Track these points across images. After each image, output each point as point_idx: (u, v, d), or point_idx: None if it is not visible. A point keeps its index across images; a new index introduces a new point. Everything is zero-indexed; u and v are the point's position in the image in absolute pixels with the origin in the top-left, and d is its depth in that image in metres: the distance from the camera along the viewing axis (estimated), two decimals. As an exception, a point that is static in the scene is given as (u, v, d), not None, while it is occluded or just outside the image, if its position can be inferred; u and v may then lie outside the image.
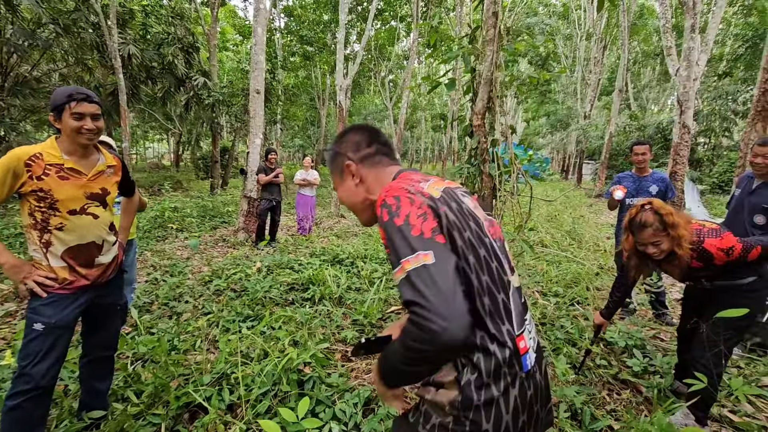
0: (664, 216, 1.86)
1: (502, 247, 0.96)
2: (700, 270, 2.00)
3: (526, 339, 0.88)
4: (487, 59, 2.32)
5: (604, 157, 14.58)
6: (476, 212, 0.93)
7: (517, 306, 0.89)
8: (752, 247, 1.89)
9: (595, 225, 8.00)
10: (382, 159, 1.02)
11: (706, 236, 1.91)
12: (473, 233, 0.86)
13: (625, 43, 14.18)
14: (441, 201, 0.85)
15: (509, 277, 0.90)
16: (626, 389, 2.40)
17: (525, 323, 0.90)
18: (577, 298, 3.85)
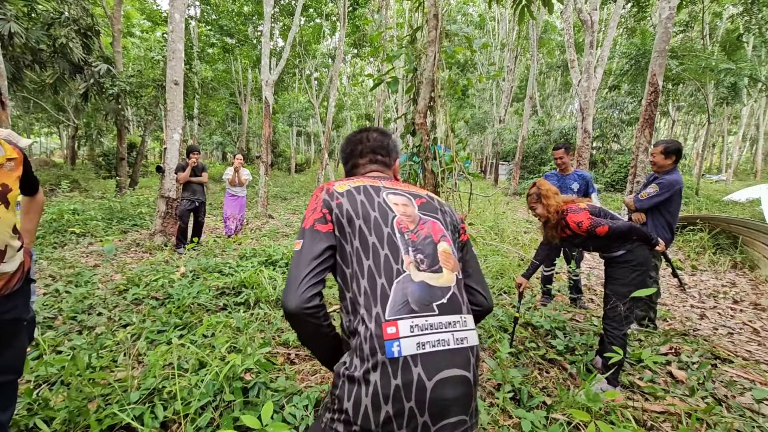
0: (540, 189, 2.58)
1: (423, 243, 0.99)
2: (571, 237, 2.58)
3: (403, 327, 0.86)
4: (430, 59, 2.40)
5: (518, 159, 15.92)
6: (395, 209, 1.02)
7: (409, 295, 0.90)
8: (599, 225, 2.37)
9: (513, 221, 8.68)
10: (375, 166, 1.24)
11: (569, 211, 2.49)
12: (371, 223, 0.97)
13: (534, 54, 15.61)
14: (342, 195, 1.01)
15: (404, 267, 0.93)
16: (553, 367, 2.65)
17: (416, 314, 0.88)
18: (504, 288, 4.15)
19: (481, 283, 1.15)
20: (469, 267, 1.15)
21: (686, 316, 3.99)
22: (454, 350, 0.90)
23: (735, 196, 13.57)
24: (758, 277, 5.36)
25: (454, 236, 1.11)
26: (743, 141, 30.51)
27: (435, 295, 0.93)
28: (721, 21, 17.59)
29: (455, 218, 1.16)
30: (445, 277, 0.97)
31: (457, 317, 0.94)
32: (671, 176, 3.17)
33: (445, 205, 1.17)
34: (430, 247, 0.99)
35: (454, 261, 1.02)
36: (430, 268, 0.96)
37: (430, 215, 1.07)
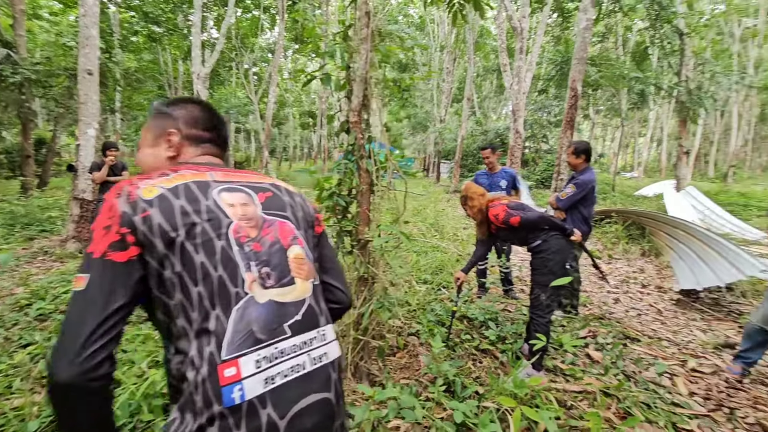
0: (466, 192, 2.89)
1: (269, 252, 0.81)
2: (497, 231, 2.81)
3: (246, 365, 0.70)
4: (362, 57, 2.38)
5: (458, 157, 16.53)
6: (231, 212, 0.80)
7: (253, 323, 0.73)
8: (512, 216, 2.62)
9: (453, 217, 8.99)
10: (208, 149, 0.97)
11: (491, 207, 2.77)
12: (197, 237, 0.74)
13: (471, 58, 16.27)
14: (151, 203, 0.74)
15: (245, 288, 0.75)
16: (486, 357, 2.77)
17: (263, 345, 0.73)
18: (443, 283, 4.27)
19: (339, 278, 1.03)
20: (326, 261, 1.02)
21: (603, 301, 4.38)
22: (311, 373, 0.79)
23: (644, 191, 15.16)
24: (662, 263, 6.04)
25: (308, 233, 0.95)
26: (651, 142, 34.27)
27: (287, 314, 0.79)
28: (632, 34, 19.56)
29: (309, 209, 1.00)
30: (298, 288, 0.83)
31: (314, 333, 0.82)
32: (585, 176, 3.47)
33: (296, 194, 1.00)
34: (278, 256, 0.82)
35: (309, 266, 0.88)
36: (279, 282, 0.80)
37: (278, 214, 0.88)
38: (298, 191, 1.02)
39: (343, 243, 2.59)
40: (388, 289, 2.43)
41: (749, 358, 2.72)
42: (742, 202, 12.05)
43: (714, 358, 3.03)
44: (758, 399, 2.48)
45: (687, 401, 2.37)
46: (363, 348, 2.46)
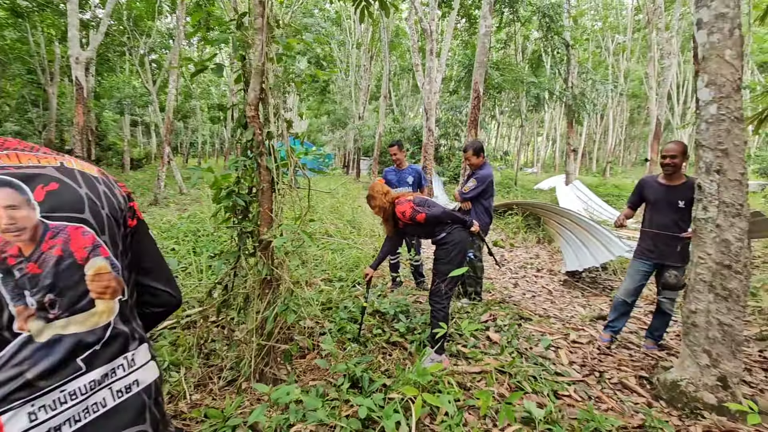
0: (370, 192, 2.93)
1: (55, 272, 0.63)
2: (404, 227, 2.88)
3: (14, 423, 0.57)
4: (257, 49, 2.26)
5: (376, 154, 16.78)
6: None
7: (29, 368, 0.59)
8: (418, 213, 2.73)
9: (371, 214, 9.10)
10: None
11: (397, 203, 2.83)
12: None
13: (386, 56, 16.57)
14: None
15: (15, 327, 0.59)
16: (396, 349, 2.84)
17: (42, 392, 0.60)
18: (358, 280, 4.30)
19: (165, 278, 0.88)
20: (146, 260, 0.84)
21: (504, 286, 4.78)
22: (115, 408, 0.68)
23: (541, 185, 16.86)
24: (553, 248, 6.77)
25: (117, 233, 0.74)
26: (547, 141, 38.34)
27: (81, 347, 0.64)
28: (529, 42, 21.59)
29: (118, 199, 0.77)
30: (99, 311, 0.67)
31: (120, 360, 0.70)
32: (484, 171, 3.75)
33: (100, 178, 0.75)
34: (69, 275, 0.64)
35: (116, 281, 0.71)
36: (70, 309, 0.64)
37: (69, 216, 0.65)
38: (100, 171, 0.78)
39: (245, 244, 2.46)
40: (293, 290, 2.36)
41: (615, 327, 3.16)
42: (616, 193, 14.02)
43: (590, 330, 3.48)
44: (621, 361, 2.90)
45: (567, 370, 2.68)
46: (268, 353, 2.37)
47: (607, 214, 9.55)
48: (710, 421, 2.12)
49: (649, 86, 14.92)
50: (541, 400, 2.25)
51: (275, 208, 2.37)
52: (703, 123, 2.32)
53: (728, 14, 2.26)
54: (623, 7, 27.76)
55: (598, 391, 2.46)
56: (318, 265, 4.63)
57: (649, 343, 3.14)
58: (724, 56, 2.25)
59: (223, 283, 2.58)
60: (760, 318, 3.78)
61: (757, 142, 25.55)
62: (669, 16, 14.79)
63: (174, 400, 2.16)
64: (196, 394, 2.28)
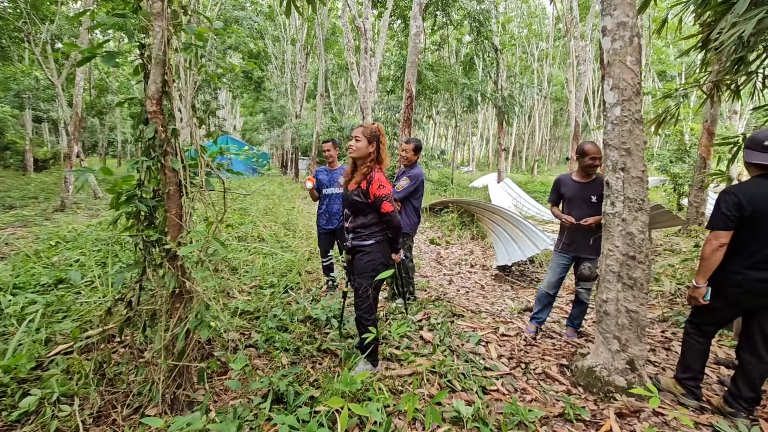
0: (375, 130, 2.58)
1: None
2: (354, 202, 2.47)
3: None
4: (157, 36, 2.02)
5: (314, 153, 16.43)
6: None
7: None
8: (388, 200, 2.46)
9: (308, 214, 8.85)
10: None
11: (379, 172, 2.47)
12: None
13: (322, 54, 16.27)
14: None
15: None
16: (327, 357, 2.73)
17: None
18: (291, 285, 4.11)
19: None
20: None
21: (440, 284, 4.85)
22: None
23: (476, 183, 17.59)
24: (486, 244, 7.04)
25: None
26: (481, 140, 40.23)
27: None
28: (463, 45, 22.44)
29: None
30: None
31: None
32: (417, 170, 3.75)
33: None
34: None
35: None
36: None
37: None
38: None
39: (151, 254, 2.20)
40: (208, 303, 2.14)
41: (540, 318, 3.32)
42: (543, 190, 15.04)
43: (518, 322, 3.62)
44: (545, 351, 3.04)
45: (496, 364, 2.75)
46: (181, 374, 2.14)
47: (535, 209, 10.17)
48: (621, 403, 2.27)
49: (569, 90, 16.18)
50: (470, 397, 2.26)
51: (184, 214, 2.15)
52: (609, 124, 2.48)
53: (628, 23, 2.43)
54: (546, 16, 29.92)
55: (523, 383, 2.54)
56: (248, 272, 4.35)
57: (570, 332, 3.33)
58: (625, 62, 2.42)
59: (125, 299, 2.29)
60: (662, 301, 4.20)
61: (658, 142, 28.91)
62: (584, 26, 16.16)
63: (63, 438, 1.86)
64: (95, 428, 1.99)
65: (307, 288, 4.14)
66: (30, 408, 1.96)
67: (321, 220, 4.08)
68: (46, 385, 2.10)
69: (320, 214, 4.08)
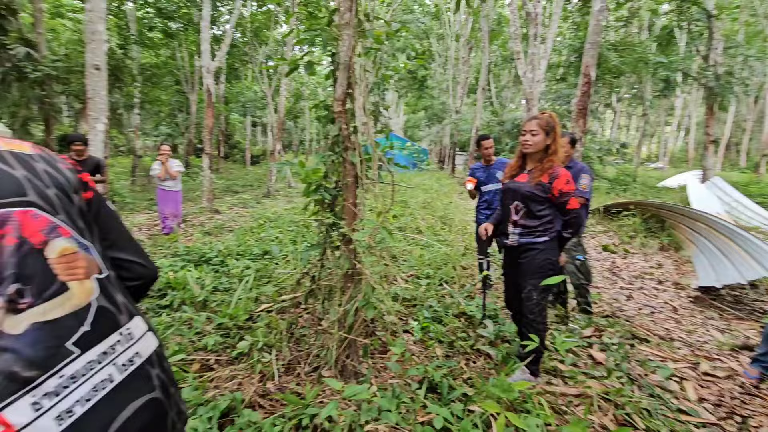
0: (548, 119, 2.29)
1: (15, 260, 0.59)
2: (531, 198, 2.28)
3: (17, 415, 0.56)
4: (344, 43, 2.27)
5: (472, 149, 16.23)
6: None
7: (12, 363, 0.57)
8: (573, 196, 2.23)
9: (464, 210, 8.81)
10: None
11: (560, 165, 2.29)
12: None
13: (486, 47, 15.86)
14: None
15: None
16: (481, 357, 2.66)
17: (37, 382, 0.58)
18: (446, 278, 4.16)
19: (133, 248, 0.83)
20: (110, 232, 0.79)
21: (614, 298, 4.18)
22: (123, 382, 0.67)
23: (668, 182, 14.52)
24: (682, 258, 5.74)
25: (73, 209, 0.69)
26: (678, 131, 32.85)
27: (65, 332, 0.62)
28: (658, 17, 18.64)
29: (64, 174, 0.71)
30: (76, 294, 0.64)
31: (116, 336, 0.69)
32: (583, 166, 3.31)
33: (37, 156, 0.69)
34: (30, 262, 0.60)
35: (85, 260, 0.67)
36: (40, 296, 0.60)
37: (11, 201, 0.61)
38: (37, 148, 0.71)
39: (331, 237, 2.51)
40: (374, 286, 2.34)
41: (766, 362, 2.52)
42: (774, 194, 11.39)
43: (730, 361, 2.83)
44: (775, 407, 2.29)
45: (695, 408, 2.21)
46: (349, 346, 2.39)
47: (760, 219, 7.79)
48: None
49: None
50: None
51: (359, 203, 2.38)
52: None
53: None
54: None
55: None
56: (406, 261, 4.60)
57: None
58: None
59: (310, 273, 2.69)
60: None
61: None
62: None
63: (264, 379, 2.31)
64: (285, 376, 2.41)
65: (462, 283, 4.12)
66: (244, 350, 2.50)
67: (481, 217, 3.99)
68: (254, 334, 2.64)
69: (480, 211, 4.00)
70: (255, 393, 2.09)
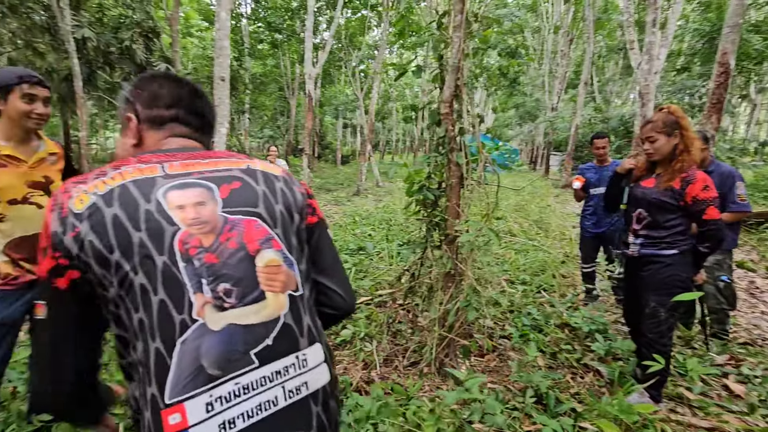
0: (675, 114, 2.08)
1: (229, 263, 0.66)
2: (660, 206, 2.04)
3: (193, 410, 0.59)
4: (455, 46, 2.29)
5: (570, 149, 15.04)
6: (178, 216, 0.64)
7: (204, 356, 0.60)
8: (714, 204, 1.98)
9: (561, 214, 8.23)
10: (174, 129, 0.78)
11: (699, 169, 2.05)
12: (133, 255, 0.61)
13: (591, 37, 14.58)
14: (82, 218, 0.61)
15: (194, 314, 0.61)
16: (589, 372, 2.47)
17: (217, 382, 0.61)
18: (544, 286, 3.94)
19: (338, 278, 0.85)
20: (322, 258, 0.83)
21: (755, 324, 3.57)
22: (285, 410, 0.65)
23: (828, 188, 11.85)
24: None
25: (291, 228, 0.76)
26: None
27: (254, 339, 0.65)
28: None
29: (295, 196, 0.79)
30: (270, 305, 0.67)
31: (291, 359, 0.68)
32: (728, 168, 2.86)
33: (279, 177, 0.79)
34: (242, 266, 0.66)
35: (286, 275, 0.70)
36: (242, 299, 0.65)
37: (244, 211, 0.69)
38: (283, 172, 0.82)
39: (432, 237, 2.56)
40: (476, 287, 2.32)
41: None
42: None
43: None
44: None
45: None
46: (448, 345, 2.41)
47: None
48: None
49: None
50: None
51: (462, 204, 2.38)
52: None
53: None
54: None
55: None
56: (499, 265, 4.46)
57: None
58: None
59: (410, 271, 2.76)
60: None
61: None
62: None
63: (367, 368, 2.44)
64: (384, 367, 2.52)
65: (562, 293, 3.87)
66: (347, 338, 2.66)
67: (586, 223, 3.70)
68: (356, 324, 2.80)
69: (586, 216, 3.71)
70: (361, 379, 2.21)
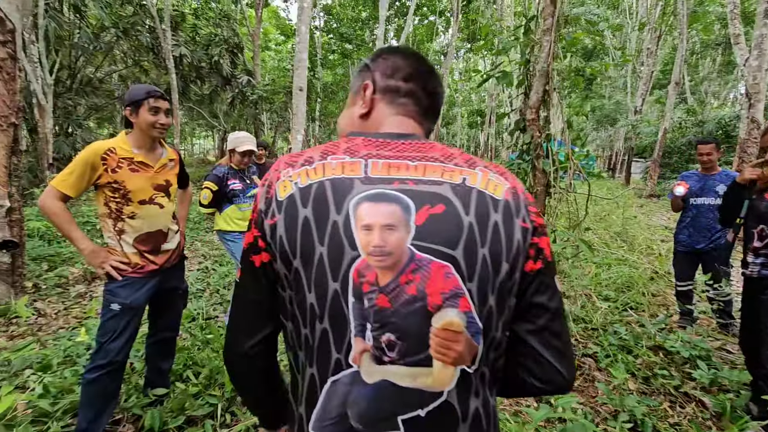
0: None
1: (400, 312, 0.54)
2: None
3: None
4: (544, 50, 2.22)
5: (657, 155, 13.72)
6: (362, 238, 0.54)
7: (350, 406, 0.55)
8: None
9: (647, 227, 7.54)
10: (405, 107, 0.67)
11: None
12: (312, 268, 0.54)
13: (684, 33, 13.25)
14: (281, 207, 0.56)
15: (350, 358, 0.54)
16: (690, 402, 2.24)
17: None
18: (631, 304, 3.64)
19: (558, 346, 0.61)
20: (537, 316, 0.60)
21: None
22: None
23: None
24: None
25: (491, 279, 0.56)
26: None
27: (404, 403, 0.54)
28: None
29: (513, 234, 0.57)
30: (435, 376, 0.54)
31: None
32: None
33: (501, 207, 0.57)
34: (415, 320, 0.53)
35: (465, 346, 0.54)
36: (405, 357, 0.54)
37: (437, 251, 0.54)
38: (508, 193, 0.59)
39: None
40: (561, 300, 2.21)
41: None
42: None
43: None
44: None
45: None
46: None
47: None
48: None
49: None
50: None
51: (549, 212, 2.29)
52: None
53: None
54: None
55: None
56: (578, 278, 4.19)
57: None
58: None
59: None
60: None
61: None
62: None
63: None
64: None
65: (652, 312, 3.54)
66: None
67: (682, 236, 3.36)
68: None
69: (681, 229, 3.37)
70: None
